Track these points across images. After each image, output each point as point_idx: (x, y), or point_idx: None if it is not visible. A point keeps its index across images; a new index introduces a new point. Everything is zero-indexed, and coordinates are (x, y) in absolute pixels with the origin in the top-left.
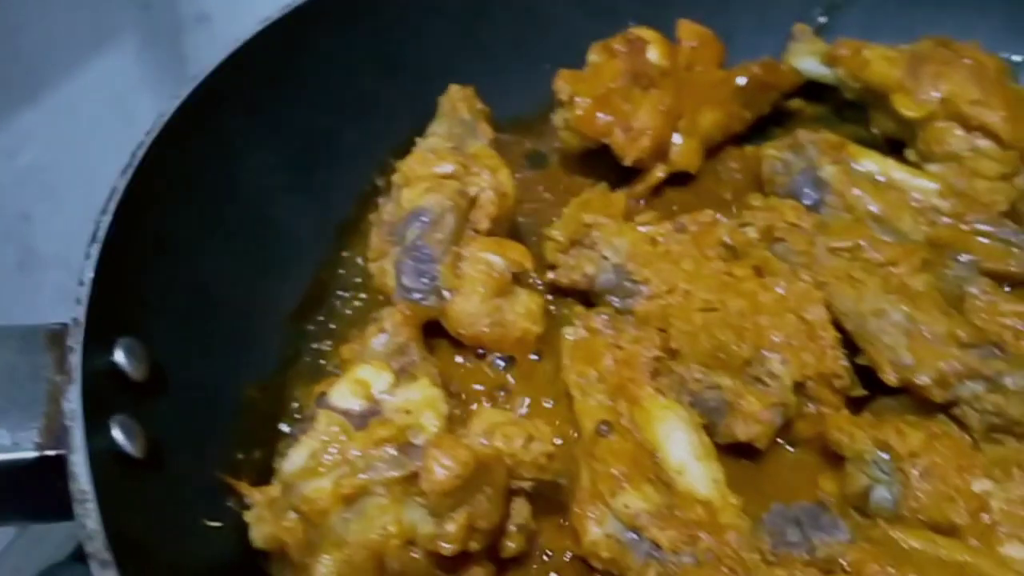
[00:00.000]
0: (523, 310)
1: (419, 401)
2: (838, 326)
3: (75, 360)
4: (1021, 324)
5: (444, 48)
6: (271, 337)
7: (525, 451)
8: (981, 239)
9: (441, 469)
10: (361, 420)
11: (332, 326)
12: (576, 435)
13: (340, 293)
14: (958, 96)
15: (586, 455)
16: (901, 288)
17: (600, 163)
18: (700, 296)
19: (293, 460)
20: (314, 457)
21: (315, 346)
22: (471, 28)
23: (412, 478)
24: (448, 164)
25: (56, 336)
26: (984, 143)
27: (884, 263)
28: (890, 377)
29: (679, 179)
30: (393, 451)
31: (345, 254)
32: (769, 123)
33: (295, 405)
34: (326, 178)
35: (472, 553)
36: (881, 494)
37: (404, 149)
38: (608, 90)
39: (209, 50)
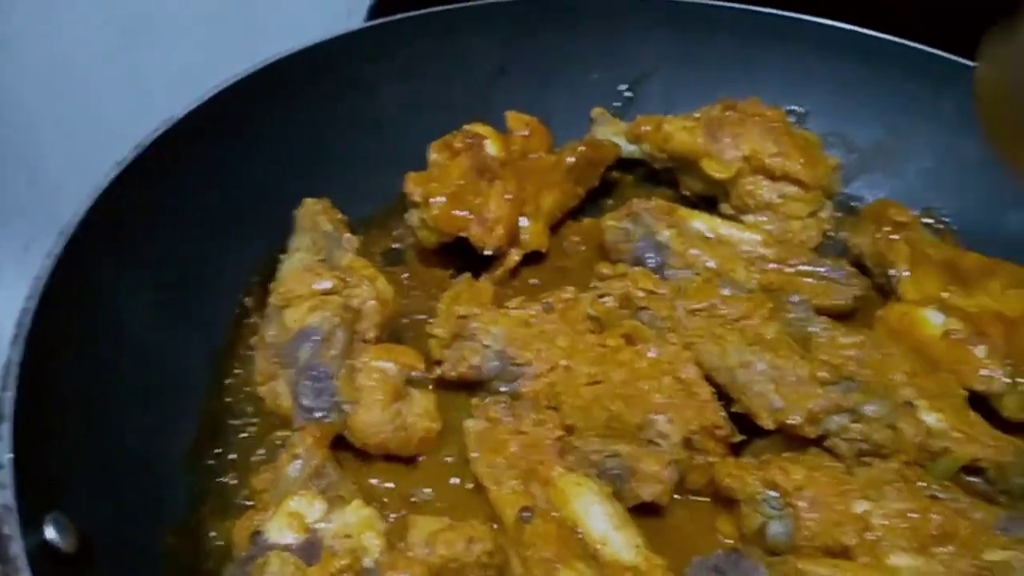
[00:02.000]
0: (420, 410)
1: (356, 524)
2: (710, 380)
3: (16, 548)
4: (861, 354)
5: (286, 163)
6: (176, 479)
7: (468, 553)
8: (805, 279)
9: None
10: (304, 553)
11: (232, 457)
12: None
13: (232, 422)
14: (759, 152)
15: (513, 543)
16: (758, 339)
17: (453, 252)
18: (582, 370)
19: None
20: None
21: (221, 480)
22: (310, 141)
23: None
24: (326, 280)
25: None
26: (790, 189)
27: (739, 317)
28: (767, 422)
29: (530, 258)
30: None
31: (228, 381)
32: (598, 195)
33: (215, 544)
34: (198, 307)
35: None
36: (776, 529)
37: (267, 267)
38: (458, 187)
39: None
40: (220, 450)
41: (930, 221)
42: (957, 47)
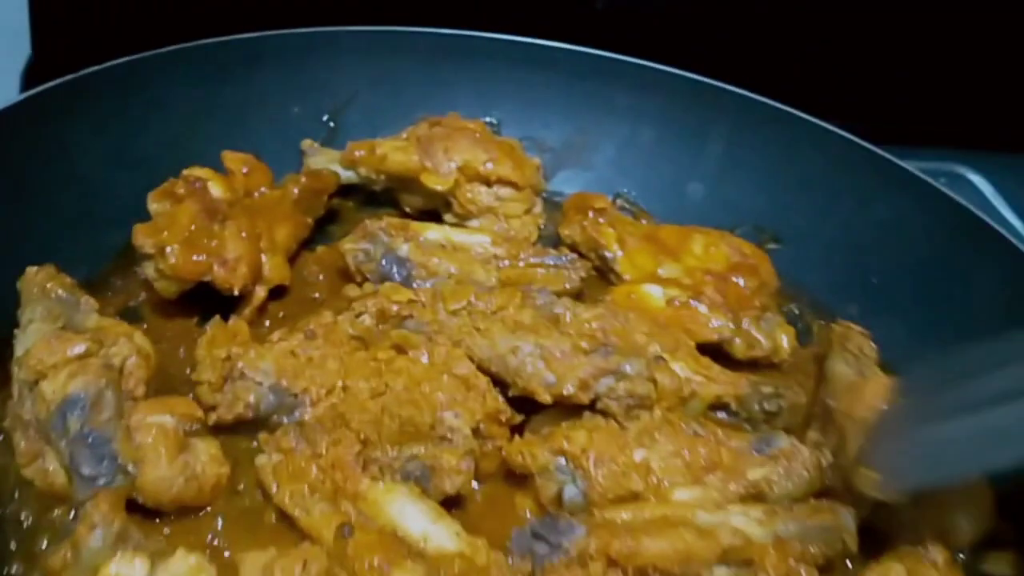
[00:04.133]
0: (207, 457)
1: (186, 572)
2: (484, 371)
3: None
4: (604, 324)
5: None
6: None
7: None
8: (537, 270)
9: None
10: None
11: (13, 546)
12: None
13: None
14: (472, 161)
15: (339, 560)
16: (518, 325)
17: (192, 300)
18: (362, 386)
19: None
20: None
21: (8, 573)
22: (11, 210)
23: None
24: (79, 344)
25: None
26: (504, 191)
27: (496, 309)
28: (545, 397)
29: (274, 294)
30: None
31: None
32: (323, 223)
33: None
34: None
35: None
36: (571, 492)
37: None
38: (190, 232)
39: None
40: None
41: (623, 204)
42: (623, 49)
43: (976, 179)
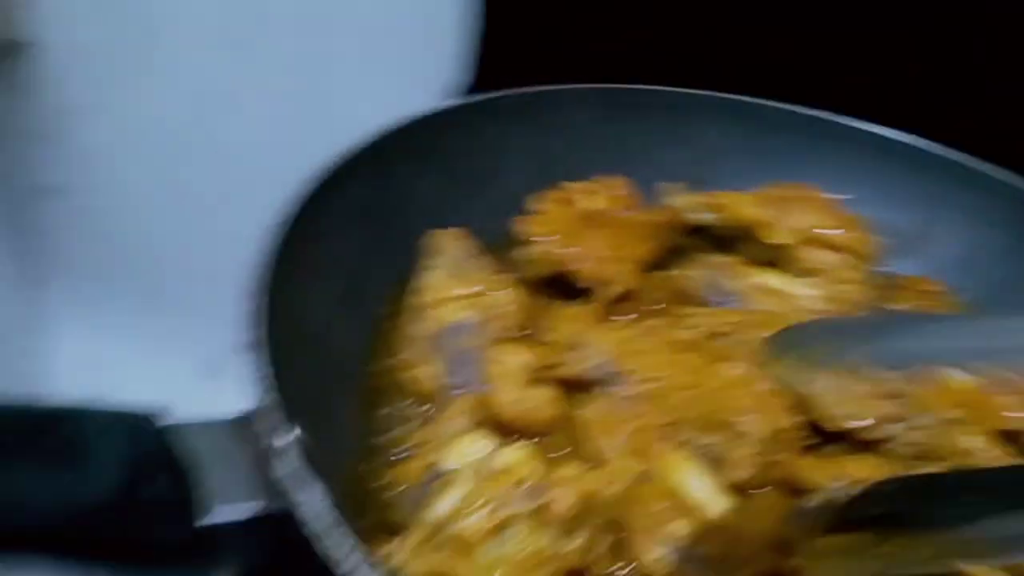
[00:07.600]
0: (543, 399)
1: (516, 460)
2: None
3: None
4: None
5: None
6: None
7: None
8: None
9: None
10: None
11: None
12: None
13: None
14: (818, 225)
15: (628, 502)
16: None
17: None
18: (679, 381)
19: (442, 507)
20: (464, 500)
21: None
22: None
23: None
24: (471, 285)
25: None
26: (846, 258)
27: None
28: (836, 425)
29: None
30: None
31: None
32: (673, 255)
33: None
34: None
35: None
36: None
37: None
38: (566, 230)
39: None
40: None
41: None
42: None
43: None
